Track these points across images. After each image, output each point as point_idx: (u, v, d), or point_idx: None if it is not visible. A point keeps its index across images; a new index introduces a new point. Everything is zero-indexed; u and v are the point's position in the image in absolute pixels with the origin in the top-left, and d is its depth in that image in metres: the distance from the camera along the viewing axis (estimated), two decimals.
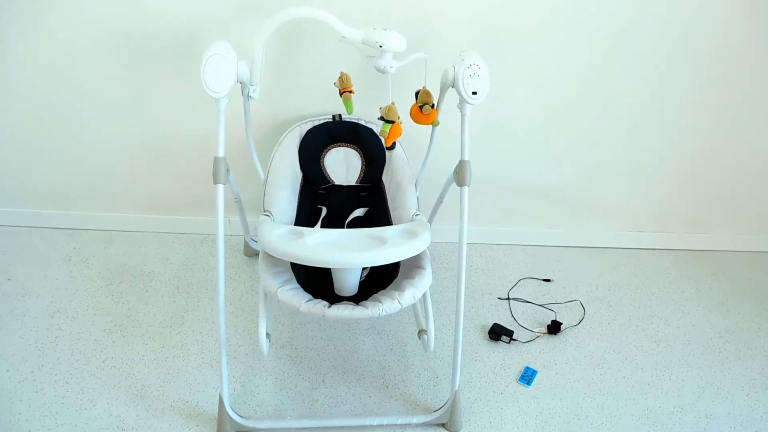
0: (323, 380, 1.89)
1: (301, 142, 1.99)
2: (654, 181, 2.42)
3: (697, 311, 2.28)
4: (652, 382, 1.98)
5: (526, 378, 1.95)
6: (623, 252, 2.54)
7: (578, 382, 1.96)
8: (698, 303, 2.32)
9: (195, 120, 2.13)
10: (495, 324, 2.11)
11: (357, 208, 1.97)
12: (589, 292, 2.33)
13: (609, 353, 2.07)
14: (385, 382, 1.90)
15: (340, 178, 2.03)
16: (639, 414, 1.87)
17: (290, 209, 1.82)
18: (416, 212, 1.76)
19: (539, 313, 2.22)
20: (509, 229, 2.51)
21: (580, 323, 2.18)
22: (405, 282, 1.60)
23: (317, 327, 2.07)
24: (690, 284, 2.41)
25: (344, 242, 1.53)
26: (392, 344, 2.03)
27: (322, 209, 1.97)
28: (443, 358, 1.99)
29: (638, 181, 2.41)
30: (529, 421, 1.83)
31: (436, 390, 1.88)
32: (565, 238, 2.54)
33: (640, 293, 2.35)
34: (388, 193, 1.95)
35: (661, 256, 2.54)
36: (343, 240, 1.54)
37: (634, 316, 2.24)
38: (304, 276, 1.67)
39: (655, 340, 2.14)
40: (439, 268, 2.35)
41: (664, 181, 2.42)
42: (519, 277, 2.37)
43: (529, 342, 2.09)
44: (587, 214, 2.49)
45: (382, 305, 1.52)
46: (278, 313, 2.10)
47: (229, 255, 2.31)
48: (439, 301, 2.19)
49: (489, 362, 2.00)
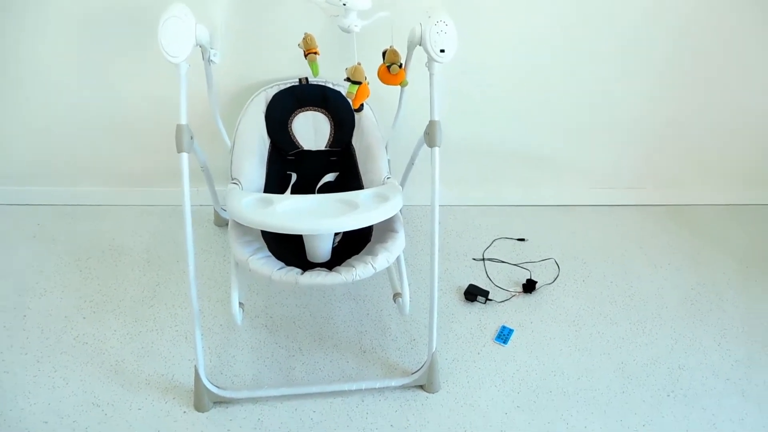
0: (300, 348, 1.89)
1: (268, 107, 1.96)
2: (627, 140, 2.42)
3: (670, 265, 2.31)
4: (627, 336, 2.00)
5: (503, 337, 1.96)
6: (596, 209, 2.55)
7: (554, 339, 1.98)
8: (670, 257, 2.34)
9: (157, 88, 2.07)
10: (470, 285, 2.11)
11: (327, 173, 1.95)
12: (563, 250, 2.34)
13: (584, 310, 2.09)
14: (363, 347, 1.90)
15: (308, 143, 2.00)
16: (614, 368, 1.89)
17: (259, 176, 1.79)
18: (387, 175, 1.75)
19: (514, 272, 2.22)
20: (483, 191, 2.50)
21: (555, 281, 2.20)
22: (378, 246, 1.59)
23: (292, 295, 2.06)
24: (662, 239, 2.43)
25: (315, 208, 1.51)
26: (368, 309, 2.03)
27: (292, 175, 1.95)
28: (420, 320, 1.99)
29: (611, 139, 2.41)
30: (506, 379, 1.84)
31: (413, 353, 1.89)
32: (538, 198, 2.54)
33: (614, 249, 2.36)
34: (358, 157, 1.93)
35: (634, 212, 2.55)
36: (313, 206, 1.52)
37: (608, 273, 2.25)
38: (276, 244, 1.65)
39: (628, 295, 2.16)
40: (412, 232, 2.34)
41: (637, 140, 2.42)
42: (493, 238, 2.37)
43: (505, 301, 2.10)
44: (560, 173, 2.49)
45: (356, 270, 1.51)
46: (252, 283, 2.08)
47: (200, 226, 2.28)
48: (414, 265, 2.19)
49: (465, 323, 2.01)
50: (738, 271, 2.29)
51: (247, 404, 1.73)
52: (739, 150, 2.50)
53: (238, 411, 1.71)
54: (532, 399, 1.79)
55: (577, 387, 1.83)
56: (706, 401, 1.81)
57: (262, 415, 1.71)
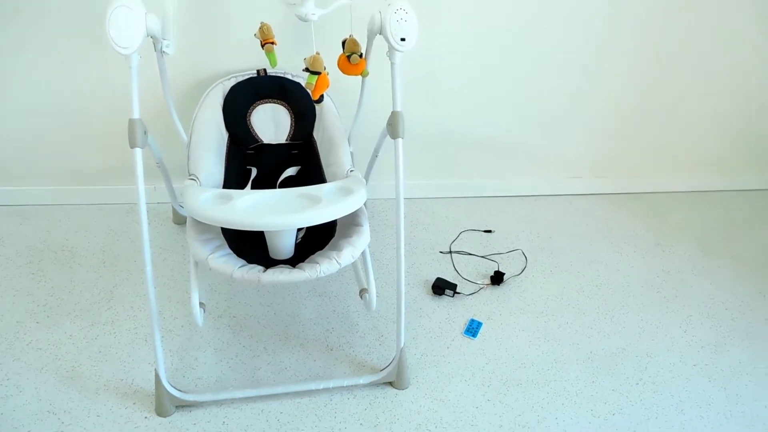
0: (265, 348, 1.85)
1: (225, 99, 1.92)
2: (593, 128, 2.44)
3: (635, 253, 2.32)
4: (595, 325, 2.01)
5: (472, 330, 1.95)
6: (562, 199, 2.56)
7: (523, 331, 1.97)
8: (635, 245, 2.36)
9: (108, 82, 2.01)
10: (438, 278, 2.10)
11: (288, 167, 1.93)
12: (530, 240, 2.34)
13: (552, 300, 2.09)
14: (330, 345, 1.87)
15: (268, 137, 1.96)
16: (583, 358, 1.89)
17: (217, 172, 1.76)
18: (351, 168, 1.73)
19: (482, 264, 2.22)
20: (448, 182, 2.50)
21: (523, 272, 2.19)
22: (342, 241, 1.57)
23: (255, 293, 2.03)
24: (627, 227, 2.45)
25: (276, 203, 1.49)
26: (334, 306, 2.00)
27: (252, 170, 1.92)
28: (387, 316, 1.97)
29: (574, 129, 2.43)
30: (476, 372, 1.83)
31: (381, 349, 1.87)
32: (504, 188, 2.54)
33: (580, 238, 2.37)
34: (320, 150, 1.91)
35: (599, 200, 2.57)
36: (274, 201, 1.49)
37: (575, 262, 2.26)
38: (236, 241, 1.62)
39: (596, 284, 2.17)
40: (378, 225, 2.32)
41: (603, 128, 2.44)
42: (460, 230, 2.36)
43: (473, 294, 2.09)
44: (525, 163, 2.50)
45: (320, 266, 1.49)
46: (213, 282, 2.04)
47: (158, 224, 2.23)
48: (380, 259, 2.17)
49: (434, 317, 2.00)
50: (701, 257, 2.32)
51: (211, 407, 1.69)
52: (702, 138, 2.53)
53: (201, 414, 1.67)
54: (503, 391, 1.78)
55: (547, 378, 1.82)
56: (674, 388, 1.83)
57: (227, 417, 1.67)
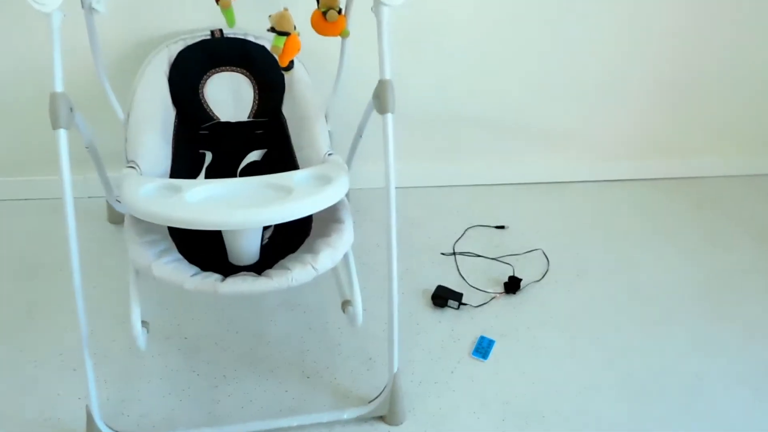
0: (225, 375, 1.86)
1: (172, 67, 1.93)
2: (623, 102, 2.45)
3: (681, 252, 2.35)
4: (633, 342, 2.03)
5: (482, 350, 1.97)
6: (590, 186, 2.58)
7: (545, 350, 1.99)
8: (682, 242, 2.39)
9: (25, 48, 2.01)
10: (439, 286, 2.11)
11: (251, 151, 1.94)
12: (552, 238, 2.36)
13: (580, 312, 2.11)
14: (305, 370, 1.89)
15: (226, 113, 1.97)
16: (619, 382, 1.91)
17: (163, 157, 1.76)
18: (329, 151, 1.73)
19: (493, 268, 2.23)
20: (451, 167, 2.51)
21: (544, 277, 2.22)
22: (320, 242, 1.58)
23: (212, 308, 2.03)
24: (671, 219, 2.47)
25: (236, 195, 1.49)
26: (311, 322, 2.01)
27: (206, 155, 1.92)
28: (376, 334, 1.98)
29: (604, 103, 2.44)
30: (487, 402, 1.84)
31: (369, 376, 1.88)
32: (519, 174, 2.55)
33: (614, 235, 2.40)
34: (290, 129, 1.92)
35: (637, 187, 2.59)
36: (234, 193, 1.49)
37: (607, 264, 2.28)
38: (188, 243, 1.62)
39: (633, 291, 2.20)
40: (363, 221, 2.33)
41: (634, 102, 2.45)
42: (466, 226, 2.38)
43: (483, 305, 2.11)
44: (546, 143, 2.51)
45: (292, 273, 1.49)
46: (159, 295, 2.05)
47: (89, 223, 2.24)
48: (367, 264, 2.18)
49: (435, 334, 2.01)
50: (763, 255, 2.35)
51: None
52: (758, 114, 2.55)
53: None
54: (521, 426, 1.80)
55: (575, 408, 1.84)
56: (731, 416, 1.85)
57: None
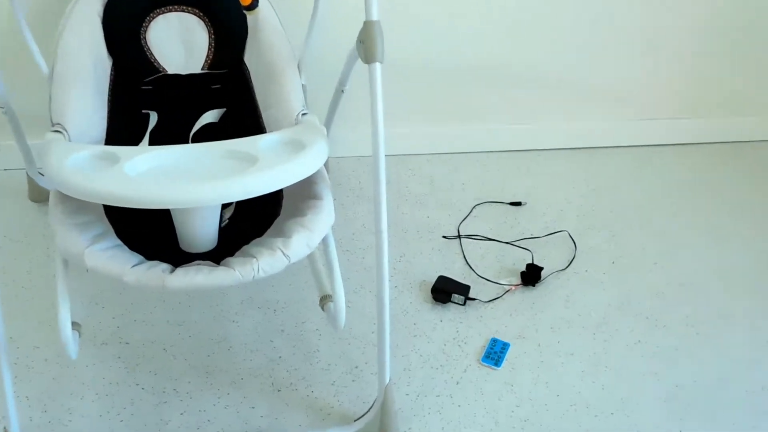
0: (176, 389, 1.85)
1: (106, 8, 1.91)
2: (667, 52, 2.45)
3: (740, 232, 2.35)
4: (681, 345, 2.03)
5: (494, 356, 1.96)
6: (630, 152, 2.58)
7: (572, 356, 1.99)
8: (744, 220, 2.39)
9: None
10: (441, 277, 2.11)
11: (206, 111, 1.93)
12: (580, 216, 2.35)
13: (615, 308, 2.11)
14: (276, 382, 1.88)
15: (175, 64, 1.97)
16: (664, 394, 1.91)
17: (96, 120, 1.75)
18: (302, 110, 1.72)
19: (507, 254, 2.23)
20: (454, 130, 2.50)
21: (570, 265, 2.21)
22: (292, 223, 1.56)
23: (160, 306, 2.03)
24: (730, 192, 2.47)
25: (188, 166, 1.47)
26: (282, 322, 2.01)
27: (150, 115, 1.91)
28: (364, 337, 1.98)
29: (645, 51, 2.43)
30: (501, 420, 1.84)
31: (356, 388, 1.88)
32: (540, 138, 2.55)
33: (656, 212, 2.39)
34: (255, 84, 1.91)
35: (683, 153, 2.58)
36: (185, 162, 1.48)
37: (649, 248, 2.28)
38: (129, 225, 1.61)
39: (681, 281, 2.19)
40: (346, 198, 2.34)
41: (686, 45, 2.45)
42: (474, 203, 2.37)
43: (495, 300, 2.10)
44: (572, 100, 2.51)
45: (258, 262, 1.48)
46: (94, 290, 2.05)
47: (5, 201, 2.25)
48: (352, 250, 2.18)
49: (436, 337, 2.01)
50: None
51: None
52: None
53: None
54: None
55: (610, 427, 1.84)
56: None
57: None
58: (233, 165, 1.47)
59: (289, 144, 1.54)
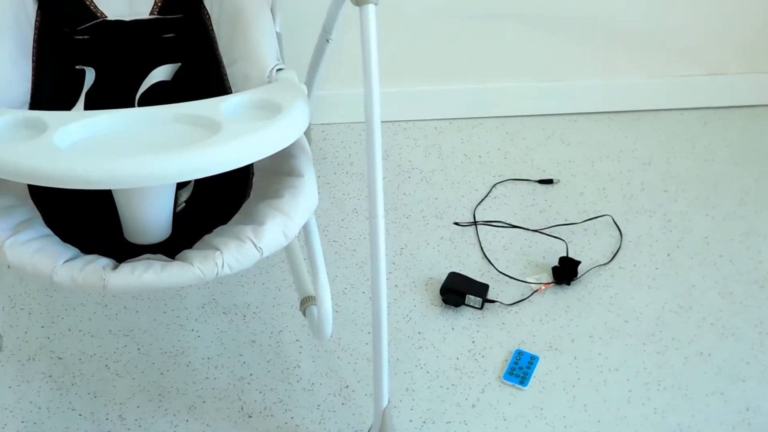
0: (121, 415, 1.86)
1: None
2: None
3: None
4: (756, 357, 2.03)
5: (519, 372, 1.97)
6: (684, 116, 2.58)
7: (616, 372, 1.99)
8: None
9: None
10: (452, 275, 2.11)
11: (157, 66, 1.92)
12: (627, 196, 2.36)
13: (670, 311, 2.11)
14: (246, 405, 1.89)
15: (117, 8, 1.96)
16: (734, 419, 1.92)
17: (17, 77, 1.75)
18: (277, 65, 1.71)
19: (536, 246, 2.24)
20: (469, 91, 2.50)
21: (614, 259, 2.21)
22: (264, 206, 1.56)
23: (101, 312, 2.04)
24: None
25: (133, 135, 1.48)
26: (254, 332, 2.02)
27: (87, 72, 1.91)
28: (356, 349, 1.99)
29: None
30: None
31: (345, 412, 1.89)
32: (575, 99, 2.55)
33: (723, 190, 2.39)
34: (217, 31, 1.91)
35: (756, 116, 2.58)
36: (130, 131, 1.49)
37: (714, 236, 2.28)
38: (60, 210, 1.62)
39: (754, 278, 2.19)
40: (333, 175, 2.35)
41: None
42: (494, 180, 2.38)
43: (520, 303, 2.11)
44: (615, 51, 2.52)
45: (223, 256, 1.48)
46: (18, 291, 2.05)
47: None
48: (340, 240, 2.20)
49: (446, 349, 2.01)
50: None
51: None
52: None
53: None
54: None
55: None
56: None
57: None
58: (190, 133, 1.47)
59: (260, 107, 1.54)
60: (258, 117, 1.51)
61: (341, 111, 2.35)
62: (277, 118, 1.50)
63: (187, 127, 1.49)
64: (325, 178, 2.32)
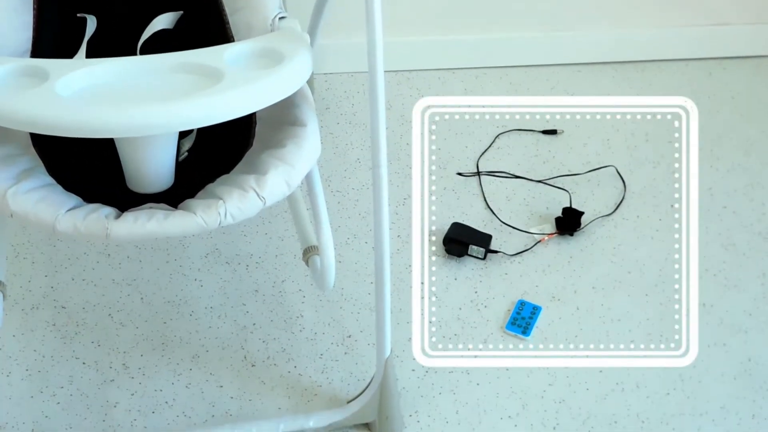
0: (125, 364, 1.87)
1: None
2: None
3: None
4: (758, 308, 2.03)
5: (521, 322, 1.97)
6: (690, 67, 2.57)
7: (618, 322, 2.00)
8: None
9: None
10: (455, 225, 2.12)
11: (159, 14, 1.90)
12: (630, 147, 2.36)
13: (674, 263, 2.09)
14: (249, 355, 1.90)
15: None
16: (736, 370, 1.92)
17: (18, 26, 1.74)
18: (280, 13, 1.70)
19: (539, 196, 2.24)
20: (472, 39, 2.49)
21: (617, 209, 2.22)
22: (267, 156, 1.56)
23: (104, 261, 2.04)
24: None
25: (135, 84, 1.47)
26: (257, 281, 2.02)
27: (88, 20, 1.89)
28: (358, 299, 2.00)
29: None
30: (530, 402, 1.85)
31: (348, 362, 1.90)
32: (580, 49, 2.54)
33: (726, 141, 2.39)
34: None
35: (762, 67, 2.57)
36: (132, 79, 1.48)
37: (718, 187, 2.28)
38: (63, 159, 1.61)
39: (758, 229, 2.20)
40: (336, 125, 2.35)
41: None
42: (497, 131, 2.37)
43: (523, 253, 2.11)
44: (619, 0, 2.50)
45: (226, 205, 1.48)
46: (21, 241, 2.06)
47: None
48: (343, 190, 2.20)
49: (448, 299, 2.02)
50: None
51: None
52: None
53: None
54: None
55: (665, 409, 1.85)
56: None
57: None
58: (193, 82, 1.46)
59: (262, 55, 1.53)
60: (261, 66, 1.50)
61: (344, 60, 2.34)
62: (279, 67, 1.49)
63: (189, 75, 1.48)
64: (328, 128, 2.32)
